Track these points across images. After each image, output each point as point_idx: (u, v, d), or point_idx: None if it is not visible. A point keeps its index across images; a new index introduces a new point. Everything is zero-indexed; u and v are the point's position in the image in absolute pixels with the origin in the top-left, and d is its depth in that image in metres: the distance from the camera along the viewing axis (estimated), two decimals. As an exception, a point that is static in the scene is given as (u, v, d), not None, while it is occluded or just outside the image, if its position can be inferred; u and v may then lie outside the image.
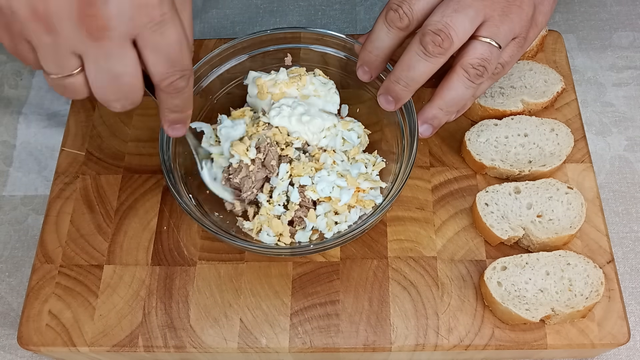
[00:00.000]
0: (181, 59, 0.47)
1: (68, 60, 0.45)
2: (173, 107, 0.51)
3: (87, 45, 0.43)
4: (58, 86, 0.47)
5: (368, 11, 0.94)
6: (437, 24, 0.54)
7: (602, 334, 0.61)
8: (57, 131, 0.83)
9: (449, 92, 0.58)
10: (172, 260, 0.67)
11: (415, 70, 0.57)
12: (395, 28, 0.57)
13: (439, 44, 0.54)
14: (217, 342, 0.62)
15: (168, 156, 0.63)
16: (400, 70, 0.58)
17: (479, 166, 0.69)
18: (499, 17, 0.56)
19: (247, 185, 0.64)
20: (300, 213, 0.64)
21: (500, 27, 0.56)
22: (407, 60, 0.57)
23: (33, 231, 0.77)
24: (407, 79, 0.58)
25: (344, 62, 0.70)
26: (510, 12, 0.56)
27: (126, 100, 0.48)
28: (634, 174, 0.78)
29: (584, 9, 0.92)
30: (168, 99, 0.50)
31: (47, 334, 0.64)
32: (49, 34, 0.43)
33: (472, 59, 0.56)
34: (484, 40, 0.56)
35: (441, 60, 0.56)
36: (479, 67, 0.56)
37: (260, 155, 0.64)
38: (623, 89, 0.85)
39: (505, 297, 0.61)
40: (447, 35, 0.54)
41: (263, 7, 0.95)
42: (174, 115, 0.52)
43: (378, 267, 0.65)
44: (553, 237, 0.63)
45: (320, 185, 0.63)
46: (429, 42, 0.54)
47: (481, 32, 0.56)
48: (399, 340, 0.62)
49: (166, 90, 0.48)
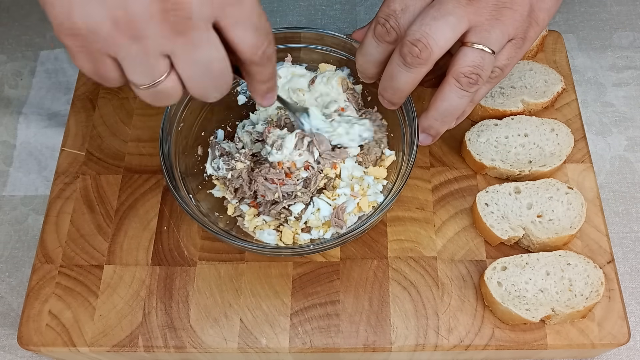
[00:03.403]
0: (264, 23, 0.46)
1: (158, 64, 0.43)
2: (266, 76, 0.50)
3: (175, 42, 0.42)
4: (150, 95, 0.46)
5: (368, 11, 0.93)
6: (414, 33, 0.53)
7: (602, 334, 0.61)
8: (57, 131, 0.83)
9: (442, 103, 0.57)
10: (172, 261, 0.67)
11: (398, 80, 0.56)
12: (384, 42, 0.57)
13: (416, 54, 0.53)
14: (217, 342, 0.62)
15: (168, 156, 0.63)
16: (386, 80, 0.57)
17: (479, 166, 0.69)
18: (487, 21, 0.54)
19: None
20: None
21: (491, 32, 0.54)
22: (390, 71, 0.56)
23: (33, 231, 0.77)
24: (393, 88, 0.57)
25: (344, 62, 0.70)
26: (501, 14, 0.54)
27: (223, 86, 0.47)
28: (634, 174, 0.78)
29: (584, 9, 0.92)
30: (261, 70, 0.49)
31: (47, 334, 0.64)
32: (136, 40, 0.41)
33: (463, 67, 0.54)
34: (475, 47, 0.54)
35: (423, 70, 0.54)
36: (472, 75, 0.54)
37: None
38: (623, 89, 0.85)
39: (505, 297, 0.61)
40: (425, 45, 0.52)
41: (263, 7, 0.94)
42: (266, 85, 0.51)
43: (378, 267, 0.65)
44: (553, 237, 0.63)
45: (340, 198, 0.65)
46: (407, 53, 0.53)
47: (471, 38, 0.54)
48: (399, 341, 0.62)
49: (260, 61, 0.47)
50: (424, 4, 0.55)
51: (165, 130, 0.64)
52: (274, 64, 0.50)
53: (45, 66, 0.90)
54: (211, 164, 0.68)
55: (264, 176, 0.64)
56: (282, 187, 0.64)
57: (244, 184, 0.65)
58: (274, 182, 0.64)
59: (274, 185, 0.64)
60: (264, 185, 0.64)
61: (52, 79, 0.89)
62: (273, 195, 0.64)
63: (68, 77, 0.89)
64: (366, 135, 0.66)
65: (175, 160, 0.65)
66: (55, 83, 0.89)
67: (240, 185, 0.66)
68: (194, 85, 0.46)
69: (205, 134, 0.70)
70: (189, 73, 0.45)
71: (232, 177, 0.66)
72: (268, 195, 0.64)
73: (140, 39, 0.41)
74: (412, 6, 0.55)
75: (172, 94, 0.46)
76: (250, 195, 0.66)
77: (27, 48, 0.93)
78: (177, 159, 0.65)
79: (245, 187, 0.65)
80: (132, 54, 0.42)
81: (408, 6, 0.55)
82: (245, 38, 0.45)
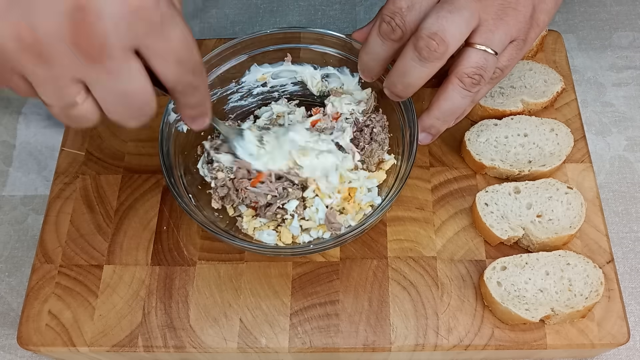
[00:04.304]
0: (190, 56, 0.43)
1: (69, 88, 0.41)
2: (192, 104, 0.49)
3: (88, 69, 0.39)
4: (63, 116, 0.43)
5: (368, 11, 0.94)
6: (431, 27, 0.52)
7: (602, 334, 0.61)
8: (57, 131, 0.83)
9: (445, 102, 0.57)
10: (172, 260, 0.67)
11: (411, 76, 0.55)
12: (389, 40, 0.56)
13: (434, 48, 0.52)
14: (217, 342, 0.62)
15: (168, 156, 0.63)
16: (396, 75, 0.56)
17: (479, 166, 0.69)
18: (493, 20, 0.54)
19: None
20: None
21: (495, 32, 0.54)
22: (402, 67, 0.55)
23: (33, 231, 0.77)
24: (403, 84, 0.56)
25: (344, 62, 0.70)
26: (505, 14, 0.54)
27: (142, 115, 0.45)
28: (634, 174, 0.78)
29: (584, 9, 0.92)
30: (185, 99, 0.47)
31: (47, 334, 0.64)
32: (43, 65, 0.38)
33: (467, 68, 0.54)
34: (479, 47, 0.54)
35: (437, 65, 0.54)
36: (475, 75, 0.55)
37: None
38: (623, 89, 0.85)
39: (505, 297, 0.61)
40: (441, 39, 0.52)
41: (263, 7, 0.95)
42: (194, 111, 0.50)
43: (378, 267, 0.65)
44: (553, 237, 0.63)
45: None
46: (423, 47, 0.52)
47: (475, 38, 0.54)
48: (399, 340, 0.62)
49: (183, 91, 0.46)
50: (430, 2, 0.54)
51: (165, 130, 0.64)
52: (202, 92, 0.48)
53: (45, 66, 0.90)
54: (202, 166, 0.68)
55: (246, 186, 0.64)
56: (256, 187, 0.64)
57: (231, 192, 0.65)
58: (253, 185, 0.64)
59: (258, 189, 0.64)
60: (253, 192, 0.64)
61: (52, 79, 0.89)
62: (265, 199, 0.64)
63: (68, 77, 0.89)
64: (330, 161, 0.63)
65: (175, 160, 0.65)
66: (55, 83, 0.89)
67: (226, 194, 0.66)
68: (111, 114, 0.44)
69: (205, 134, 0.70)
70: (105, 100, 0.42)
71: (215, 185, 0.66)
72: (261, 201, 0.64)
73: (48, 63, 0.38)
74: (419, 4, 0.54)
75: (89, 117, 0.44)
76: (239, 203, 0.66)
77: (27, 48, 0.93)
78: (177, 159, 0.65)
79: (233, 195, 0.65)
80: (40, 77, 0.40)
81: (414, 4, 0.54)
82: (167, 70, 0.43)
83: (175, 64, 0.43)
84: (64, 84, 0.40)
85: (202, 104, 0.50)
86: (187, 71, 0.44)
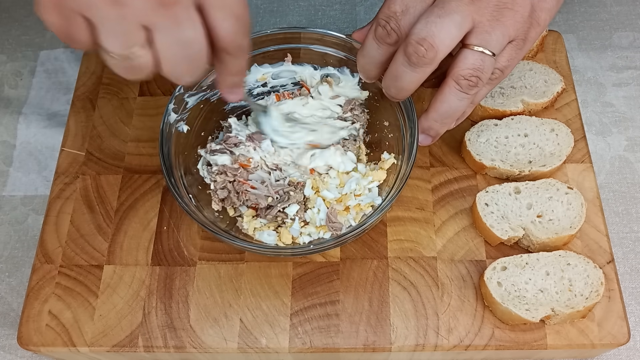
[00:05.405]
0: (246, 16, 0.46)
1: (135, 34, 0.42)
2: (236, 69, 0.50)
3: (158, 15, 0.41)
4: (120, 65, 0.44)
5: (368, 11, 0.94)
6: (420, 32, 0.52)
7: (602, 334, 0.61)
8: (57, 131, 0.83)
9: (442, 105, 0.57)
10: (172, 261, 0.67)
11: (403, 80, 0.55)
12: (384, 44, 0.56)
13: (422, 54, 0.52)
14: (217, 342, 0.62)
15: (168, 156, 0.63)
16: (389, 79, 0.57)
17: (479, 166, 0.69)
18: (488, 22, 0.53)
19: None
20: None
21: (492, 33, 0.53)
22: (394, 71, 0.55)
23: (33, 231, 0.77)
24: (396, 88, 0.57)
25: (344, 62, 0.70)
26: (502, 15, 0.54)
27: (196, 69, 0.46)
28: (634, 174, 0.78)
29: (584, 9, 0.92)
30: (232, 61, 0.48)
31: (47, 334, 0.64)
32: (117, 6, 0.40)
33: (463, 70, 0.54)
34: (476, 49, 0.53)
35: (428, 70, 0.54)
36: (472, 77, 0.54)
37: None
38: (623, 89, 0.85)
39: (505, 297, 0.61)
40: (430, 44, 0.51)
41: (263, 7, 0.95)
42: (234, 78, 0.51)
43: (378, 267, 0.65)
44: (553, 237, 0.63)
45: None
46: (412, 53, 0.52)
47: (471, 40, 0.53)
48: (399, 341, 0.62)
49: (233, 51, 0.47)
50: (424, 5, 0.54)
51: (165, 130, 0.64)
52: (246, 58, 0.50)
53: (45, 66, 0.90)
54: (202, 167, 0.68)
55: (244, 187, 0.64)
56: (254, 190, 0.64)
57: (231, 195, 0.65)
58: (253, 187, 0.64)
59: (258, 190, 0.64)
60: (254, 194, 0.64)
61: (52, 79, 0.89)
62: (266, 201, 0.64)
63: (68, 77, 0.89)
64: (339, 135, 0.67)
65: (175, 160, 0.65)
66: (55, 83, 0.89)
67: (226, 197, 0.66)
68: (167, 64, 0.45)
69: (205, 134, 0.70)
70: (165, 49, 0.44)
71: (215, 187, 0.66)
72: (261, 203, 0.64)
73: (122, 5, 0.40)
74: (413, 8, 0.54)
75: (145, 67, 0.45)
76: (240, 205, 0.66)
77: (27, 48, 0.93)
78: (177, 159, 0.65)
79: (233, 197, 0.65)
80: (110, 19, 0.41)
81: (408, 8, 0.54)
82: (225, 24, 0.45)
83: (233, 18, 0.45)
84: (131, 29, 0.41)
85: (243, 71, 0.52)
86: (242, 29, 0.46)
